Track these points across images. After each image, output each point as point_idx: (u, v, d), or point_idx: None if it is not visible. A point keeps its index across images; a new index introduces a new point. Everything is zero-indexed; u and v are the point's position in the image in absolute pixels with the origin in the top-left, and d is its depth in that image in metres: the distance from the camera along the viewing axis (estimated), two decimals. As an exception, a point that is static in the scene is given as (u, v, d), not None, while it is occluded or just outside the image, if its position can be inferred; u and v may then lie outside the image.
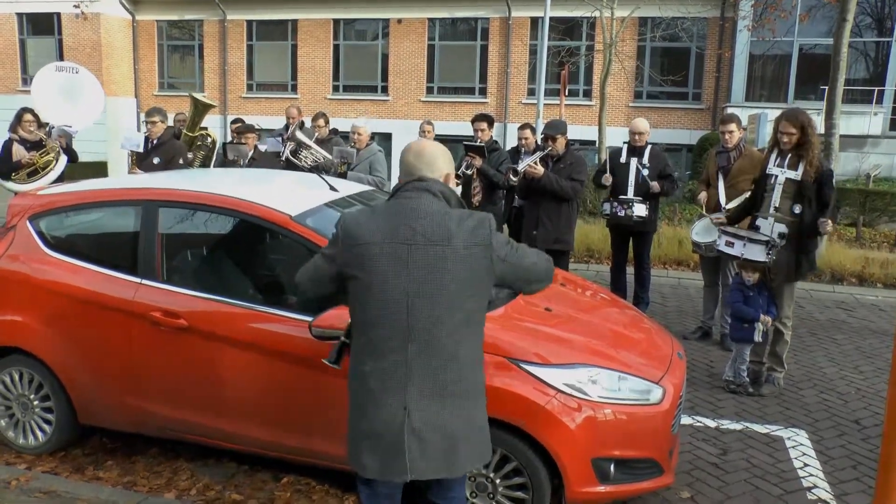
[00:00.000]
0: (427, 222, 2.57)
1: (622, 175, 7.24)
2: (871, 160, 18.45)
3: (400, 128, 22.82)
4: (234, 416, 4.02)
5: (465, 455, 2.65)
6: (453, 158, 2.93)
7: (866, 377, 6.24)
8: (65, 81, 8.80)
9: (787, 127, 5.46)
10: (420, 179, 2.69)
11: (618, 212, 7.22)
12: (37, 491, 3.89)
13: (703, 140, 19.27)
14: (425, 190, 2.66)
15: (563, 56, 19.30)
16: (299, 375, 3.81)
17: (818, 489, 4.31)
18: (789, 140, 5.45)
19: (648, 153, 7.25)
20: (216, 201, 4.22)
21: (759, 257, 5.50)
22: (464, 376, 2.63)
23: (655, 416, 3.66)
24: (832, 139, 10.30)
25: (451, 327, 2.57)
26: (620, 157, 7.37)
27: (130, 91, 25.08)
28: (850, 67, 16.97)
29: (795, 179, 5.47)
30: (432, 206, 2.62)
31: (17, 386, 4.50)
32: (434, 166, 2.72)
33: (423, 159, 2.73)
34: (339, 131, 9.42)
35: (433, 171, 2.71)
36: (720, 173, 6.80)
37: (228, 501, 3.95)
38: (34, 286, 4.39)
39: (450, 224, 2.57)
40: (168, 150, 7.83)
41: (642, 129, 7.28)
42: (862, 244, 12.50)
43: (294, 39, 24.06)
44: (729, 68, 20.48)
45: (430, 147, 2.79)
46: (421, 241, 2.54)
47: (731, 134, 6.74)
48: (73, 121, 8.85)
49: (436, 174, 2.72)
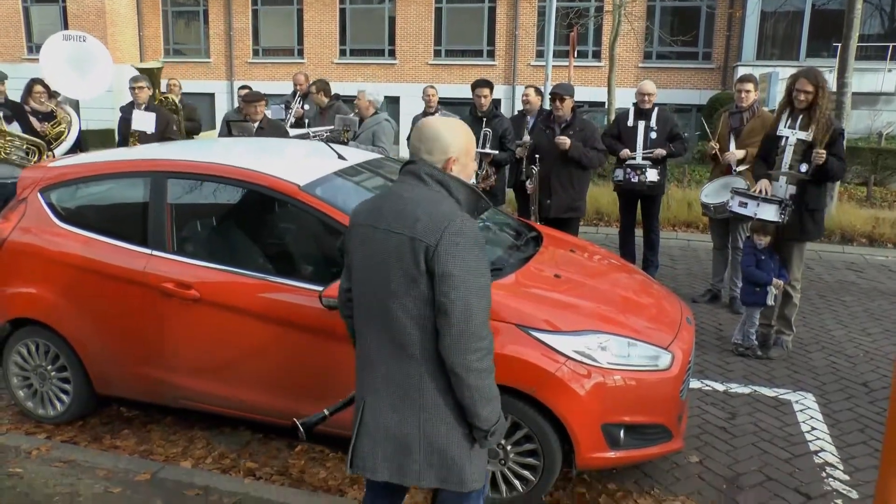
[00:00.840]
0: (396, 207, 2.39)
1: (630, 138, 7.20)
2: (884, 118, 18.26)
3: (407, 91, 22.66)
4: (246, 386, 4.07)
5: (418, 468, 2.41)
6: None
7: (875, 339, 6.25)
8: (73, 50, 8.73)
9: (804, 85, 5.40)
10: (411, 162, 2.51)
11: (631, 178, 7.19)
12: (57, 460, 3.97)
13: (714, 100, 19.11)
14: (410, 173, 2.47)
15: (572, 18, 19.05)
16: (310, 344, 3.85)
17: (825, 452, 4.35)
18: (805, 98, 5.40)
19: (656, 116, 7.19)
20: (224, 172, 4.23)
21: (772, 217, 5.49)
22: (423, 384, 2.37)
23: (664, 381, 3.69)
24: (844, 98, 10.20)
25: (403, 324, 2.35)
26: (628, 120, 7.31)
27: (136, 58, 24.92)
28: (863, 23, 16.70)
29: (807, 140, 5.43)
30: (412, 191, 2.41)
31: (35, 357, 4.56)
32: (434, 147, 2.46)
33: (421, 140, 2.48)
34: (340, 96, 9.35)
35: (431, 153, 2.46)
36: (732, 134, 6.75)
37: (244, 469, 4.02)
38: (47, 258, 4.43)
39: (417, 212, 2.33)
40: (161, 118, 7.80)
41: (650, 90, 7.21)
42: (873, 203, 12.43)
43: (300, 3, 23.82)
44: (740, 26, 20.19)
45: (431, 126, 2.51)
46: (383, 226, 2.38)
47: (748, 94, 6.67)
48: (83, 90, 8.81)
49: (435, 156, 2.46)
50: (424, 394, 2.37)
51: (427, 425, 2.38)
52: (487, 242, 4.69)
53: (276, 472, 4.02)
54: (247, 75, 23.87)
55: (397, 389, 2.40)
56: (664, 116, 7.25)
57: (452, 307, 2.25)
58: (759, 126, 6.50)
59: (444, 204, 2.37)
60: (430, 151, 2.46)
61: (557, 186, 6.72)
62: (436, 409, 2.37)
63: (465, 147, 2.51)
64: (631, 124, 7.24)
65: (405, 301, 2.32)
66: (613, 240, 8.35)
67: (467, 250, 2.29)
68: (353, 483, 3.88)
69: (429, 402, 2.38)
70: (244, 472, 4.01)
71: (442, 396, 2.37)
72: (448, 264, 2.26)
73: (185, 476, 3.86)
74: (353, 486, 3.86)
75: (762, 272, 5.65)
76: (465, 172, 2.52)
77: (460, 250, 2.27)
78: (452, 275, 2.25)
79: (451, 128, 2.51)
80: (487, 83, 7.38)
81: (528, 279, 4.00)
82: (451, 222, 2.30)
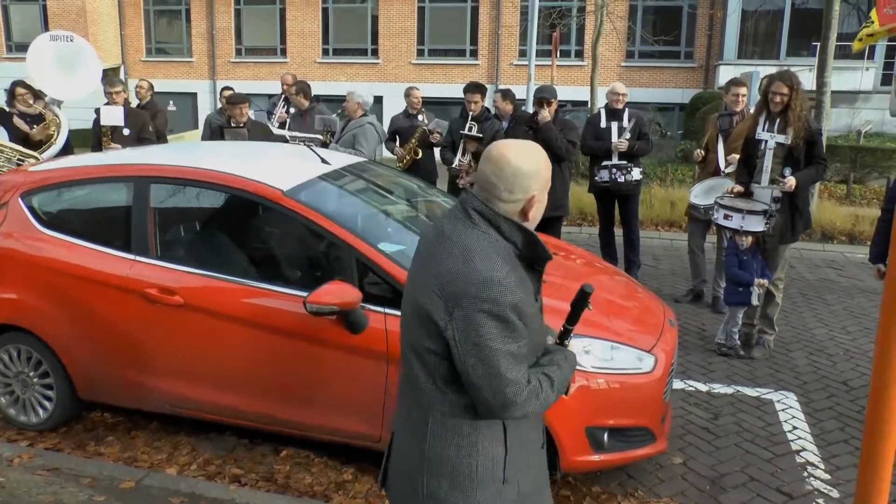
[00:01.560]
0: (432, 243, 2.13)
1: (604, 139, 7.24)
2: (863, 116, 18.45)
3: (391, 91, 22.62)
4: (232, 391, 4.07)
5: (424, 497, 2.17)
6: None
7: (854, 338, 6.33)
8: (59, 50, 8.56)
9: (779, 87, 5.45)
10: (470, 194, 2.15)
11: (617, 178, 7.22)
12: (40, 468, 3.94)
13: (696, 99, 19.23)
14: (462, 206, 2.13)
15: (555, 18, 19.10)
16: (295, 350, 3.85)
17: (806, 452, 4.40)
18: (781, 101, 5.44)
19: (627, 115, 7.26)
20: (208, 177, 4.22)
21: (758, 228, 5.54)
22: (422, 417, 2.16)
23: (648, 384, 3.72)
24: (823, 97, 10.29)
25: (417, 356, 2.13)
26: (600, 122, 7.35)
27: (117, 57, 24.76)
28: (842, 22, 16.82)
29: (785, 143, 5.48)
30: (453, 228, 2.09)
31: (17, 363, 4.52)
32: (515, 186, 2.07)
33: (500, 178, 2.07)
34: (320, 98, 9.26)
35: (513, 193, 2.07)
36: (720, 136, 6.80)
37: (229, 476, 4.01)
38: (28, 263, 4.39)
39: (441, 268, 2.04)
40: (136, 119, 7.70)
41: (622, 90, 7.32)
42: (852, 201, 12.55)
43: (282, 2, 23.73)
44: (721, 26, 20.33)
45: (508, 161, 2.07)
46: (416, 262, 2.19)
47: (743, 98, 6.76)
48: (70, 90, 8.64)
49: (516, 195, 2.07)
50: (423, 428, 2.16)
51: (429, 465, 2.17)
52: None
53: (261, 478, 4.01)
54: (229, 75, 23.77)
55: (407, 413, 2.24)
56: (636, 116, 7.32)
57: (474, 373, 2.01)
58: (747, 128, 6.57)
59: (479, 258, 2.01)
60: (512, 191, 2.07)
61: None
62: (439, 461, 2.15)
63: (545, 178, 2.13)
64: (604, 125, 7.28)
65: (417, 336, 2.11)
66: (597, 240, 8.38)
67: (490, 320, 1.98)
68: (338, 489, 3.89)
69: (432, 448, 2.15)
70: (229, 478, 3.99)
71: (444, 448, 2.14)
72: (461, 331, 2.00)
73: (171, 483, 3.85)
74: (338, 492, 3.86)
75: (745, 272, 5.69)
76: (539, 208, 2.15)
77: (482, 320, 1.98)
78: (474, 343, 2.00)
79: (530, 158, 2.10)
80: (480, 88, 7.38)
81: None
82: (477, 287, 1.98)
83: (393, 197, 5.00)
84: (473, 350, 1.99)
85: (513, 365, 2.01)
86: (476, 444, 2.11)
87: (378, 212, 4.66)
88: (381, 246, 3.90)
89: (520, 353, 2.03)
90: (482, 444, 2.11)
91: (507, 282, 1.99)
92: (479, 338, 1.98)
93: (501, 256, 2.04)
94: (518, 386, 2.02)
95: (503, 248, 2.07)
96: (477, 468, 2.12)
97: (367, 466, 4.09)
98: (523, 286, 2.06)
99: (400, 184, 5.27)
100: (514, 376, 2.01)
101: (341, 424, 3.91)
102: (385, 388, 3.70)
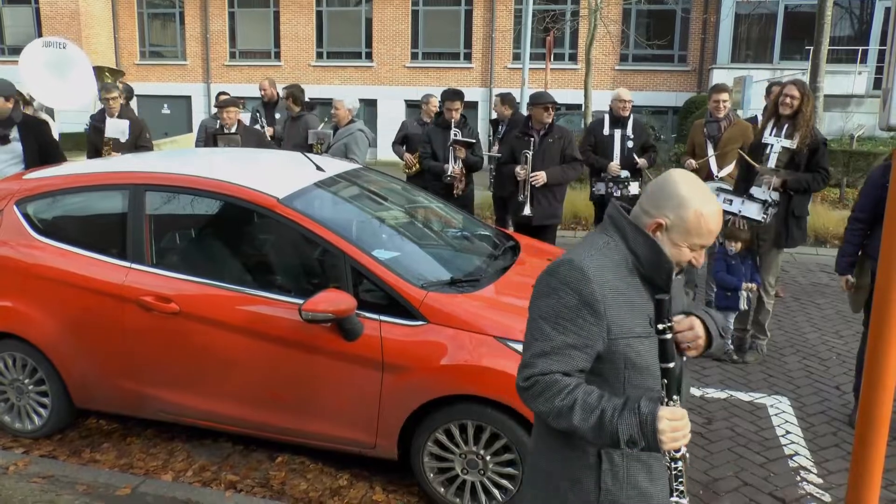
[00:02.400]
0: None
1: (606, 148, 7.19)
2: (855, 120, 18.53)
3: (385, 94, 22.70)
4: (227, 399, 4.08)
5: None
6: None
7: (846, 342, 6.36)
8: (52, 57, 8.50)
9: (791, 90, 5.54)
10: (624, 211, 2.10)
11: (613, 192, 7.17)
12: (35, 476, 3.95)
13: (689, 102, 19.30)
14: (611, 220, 2.09)
15: (548, 21, 19.17)
16: (291, 357, 3.87)
17: (799, 456, 4.43)
18: (790, 103, 5.52)
19: (632, 124, 7.22)
20: (203, 185, 4.23)
21: (755, 215, 5.60)
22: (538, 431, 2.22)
23: (641, 390, 3.73)
24: (816, 101, 10.34)
25: None
26: (603, 128, 7.30)
27: (111, 60, 24.71)
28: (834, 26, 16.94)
29: (790, 148, 5.55)
30: (597, 240, 2.06)
31: (12, 371, 4.53)
32: (662, 201, 2.00)
33: (652, 186, 2.05)
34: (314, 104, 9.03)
35: (654, 206, 2.01)
36: (709, 142, 6.84)
37: (224, 482, 4.02)
38: (24, 271, 4.40)
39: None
40: (134, 126, 7.70)
41: (627, 97, 7.20)
42: (845, 205, 12.60)
43: (276, 6, 23.74)
44: (715, 29, 20.41)
45: (674, 175, 2.03)
46: None
47: (725, 104, 6.79)
48: (62, 98, 8.57)
49: (653, 209, 2.01)
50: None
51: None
52: (464, 251, 4.77)
53: (257, 485, 4.02)
54: (223, 78, 23.78)
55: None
56: (640, 125, 7.28)
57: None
58: (738, 134, 6.69)
59: (583, 248, 2.04)
60: (654, 203, 2.01)
61: (540, 196, 6.53)
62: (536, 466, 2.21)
63: (689, 217, 1.96)
64: (607, 133, 7.23)
65: None
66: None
67: (550, 293, 1.98)
68: (333, 495, 3.90)
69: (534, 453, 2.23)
70: (225, 484, 4.01)
71: (538, 460, 2.20)
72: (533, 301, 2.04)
73: (167, 490, 3.86)
74: (333, 498, 3.88)
75: (732, 277, 5.73)
76: (671, 249, 2.00)
77: (542, 289, 2.01)
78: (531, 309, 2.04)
79: (689, 187, 1.99)
80: (459, 95, 7.12)
81: (507, 290, 4.04)
82: (562, 264, 1.99)
83: (388, 204, 5.02)
84: (529, 318, 2.02)
85: (544, 348, 1.94)
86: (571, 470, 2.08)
87: (373, 219, 4.68)
88: (376, 253, 3.92)
89: (561, 347, 1.93)
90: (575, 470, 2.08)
91: (595, 275, 1.93)
92: (535, 308, 2.00)
93: (608, 257, 1.99)
94: (532, 369, 1.96)
95: (619, 254, 2.01)
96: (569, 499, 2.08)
97: (361, 473, 4.12)
98: (625, 297, 1.97)
99: (394, 190, 5.29)
100: (535, 358, 1.95)
101: (336, 431, 3.92)
102: (380, 395, 3.72)
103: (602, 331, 1.94)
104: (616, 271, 1.98)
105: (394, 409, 3.73)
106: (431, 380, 3.63)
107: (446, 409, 3.67)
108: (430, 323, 3.66)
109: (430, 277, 3.91)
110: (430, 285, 3.80)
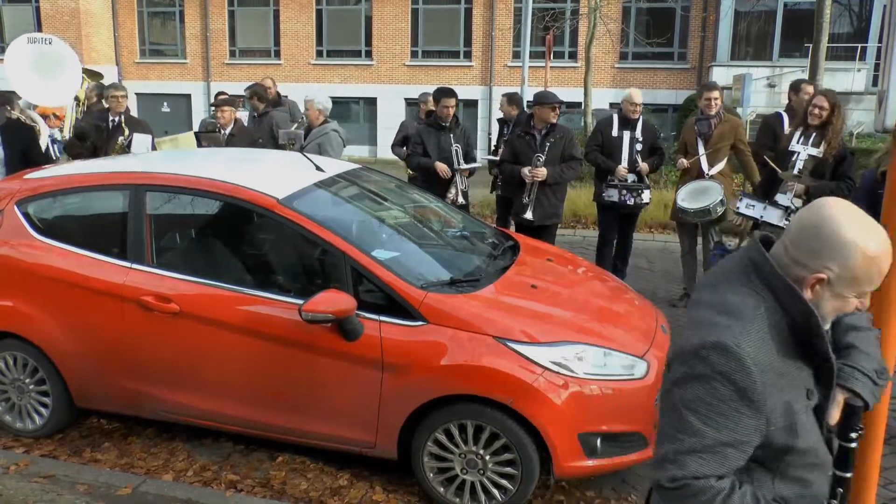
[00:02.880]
0: (694, 307, 1.88)
1: (613, 149, 7.06)
2: (855, 117, 18.49)
3: (384, 92, 22.68)
4: (227, 398, 4.09)
5: None
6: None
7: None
8: (37, 54, 8.30)
9: (821, 101, 5.63)
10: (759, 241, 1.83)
11: (626, 200, 7.01)
12: (36, 476, 3.96)
13: (689, 100, 19.25)
14: (746, 250, 1.84)
15: (548, 20, 19.15)
16: (291, 357, 3.88)
17: (798, 455, 4.43)
18: (819, 114, 5.60)
19: (641, 126, 7.11)
20: (203, 185, 4.24)
21: (776, 221, 5.65)
22: None
23: (640, 390, 3.75)
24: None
25: None
26: (611, 129, 7.08)
27: (111, 59, 24.71)
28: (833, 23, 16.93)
29: (816, 156, 5.61)
30: (746, 304, 1.73)
31: (12, 370, 4.54)
32: (823, 251, 1.68)
33: (805, 229, 1.71)
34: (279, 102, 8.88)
35: (818, 258, 1.69)
36: (700, 140, 6.84)
37: (225, 482, 4.04)
38: (25, 271, 4.41)
39: (692, 334, 1.77)
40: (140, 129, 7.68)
41: (638, 100, 6.98)
42: (845, 204, 12.60)
43: (276, 4, 23.70)
44: (714, 27, 20.40)
45: (835, 215, 1.68)
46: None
47: (716, 101, 6.79)
48: (48, 96, 8.42)
49: (810, 259, 1.69)
50: None
51: None
52: (464, 251, 4.78)
53: (257, 484, 4.04)
54: (223, 76, 23.76)
55: None
56: (650, 128, 7.18)
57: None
58: (728, 130, 6.77)
59: (737, 324, 1.70)
60: (811, 253, 1.69)
61: (542, 197, 6.52)
62: None
63: (864, 268, 1.66)
64: (615, 134, 7.02)
65: None
66: (591, 242, 8.41)
67: (698, 380, 1.69)
68: (333, 494, 3.92)
69: None
70: (226, 484, 4.02)
71: None
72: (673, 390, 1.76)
73: (167, 489, 3.88)
74: (333, 497, 3.89)
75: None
76: (834, 304, 1.72)
77: (689, 373, 1.72)
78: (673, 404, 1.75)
79: (857, 229, 1.66)
80: (453, 93, 7.06)
81: (506, 290, 4.05)
82: (706, 345, 1.69)
83: (387, 204, 5.03)
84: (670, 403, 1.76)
85: (695, 446, 1.69)
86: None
87: (373, 219, 4.69)
88: (376, 253, 3.94)
89: (714, 445, 1.68)
90: None
91: (754, 362, 1.66)
92: (679, 395, 1.73)
93: (762, 330, 1.70)
94: (682, 470, 1.69)
95: (772, 318, 1.71)
96: None
97: (362, 472, 4.13)
98: (785, 378, 1.71)
99: (394, 190, 5.30)
100: (684, 456, 1.69)
101: (337, 431, 3.94)
102: (380, 394, 3.74)
103: (761, 423, 1.69)
104: (772, 345, 1.70)
105: (394, 408, 3.75)
106: (431, 380, 3.65)
107: (446, 409, 3.68)
108: (429, 323, 3.67)
109: (430, 277, 3.92)
110: (430, 285, 3.82)
